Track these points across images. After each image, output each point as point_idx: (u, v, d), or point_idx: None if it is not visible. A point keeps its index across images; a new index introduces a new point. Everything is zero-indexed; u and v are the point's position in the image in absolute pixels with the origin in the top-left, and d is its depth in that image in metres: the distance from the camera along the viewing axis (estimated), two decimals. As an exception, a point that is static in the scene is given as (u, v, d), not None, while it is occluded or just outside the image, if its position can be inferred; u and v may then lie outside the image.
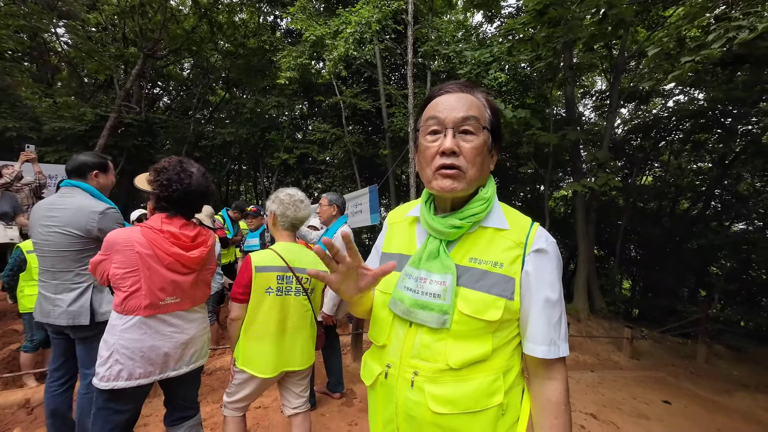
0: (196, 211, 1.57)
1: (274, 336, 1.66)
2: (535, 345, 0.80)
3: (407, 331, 0.83)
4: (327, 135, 10.13)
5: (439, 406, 0.77)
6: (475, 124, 0.78)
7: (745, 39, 2.87)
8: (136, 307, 1.37)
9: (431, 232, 0.85)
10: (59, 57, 11.80)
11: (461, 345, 0.78)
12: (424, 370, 0.79)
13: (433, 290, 0.79)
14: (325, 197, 2.97)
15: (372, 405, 0.92)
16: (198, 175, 1.50)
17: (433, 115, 0.80)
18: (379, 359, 0.89)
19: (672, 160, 11.07)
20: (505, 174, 12.46)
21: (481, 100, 0.83)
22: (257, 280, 1.62)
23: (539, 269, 0.80)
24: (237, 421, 1.74)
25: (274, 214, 1.78)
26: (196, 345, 1.54)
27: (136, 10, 8.96)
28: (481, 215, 0.82)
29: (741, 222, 10.42)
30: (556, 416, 0.79)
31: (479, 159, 0.79)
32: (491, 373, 0.79)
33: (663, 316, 8.74)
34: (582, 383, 4.12)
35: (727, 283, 9.17)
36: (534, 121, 6.25)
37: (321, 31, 6.91)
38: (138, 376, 1.37)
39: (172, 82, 14.34)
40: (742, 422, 3.47)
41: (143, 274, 1.37)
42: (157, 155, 11.78)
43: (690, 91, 9.70)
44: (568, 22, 5.44)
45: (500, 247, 0.81)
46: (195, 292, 1.53)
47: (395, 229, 0.98)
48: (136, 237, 1.38)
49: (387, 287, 0.89)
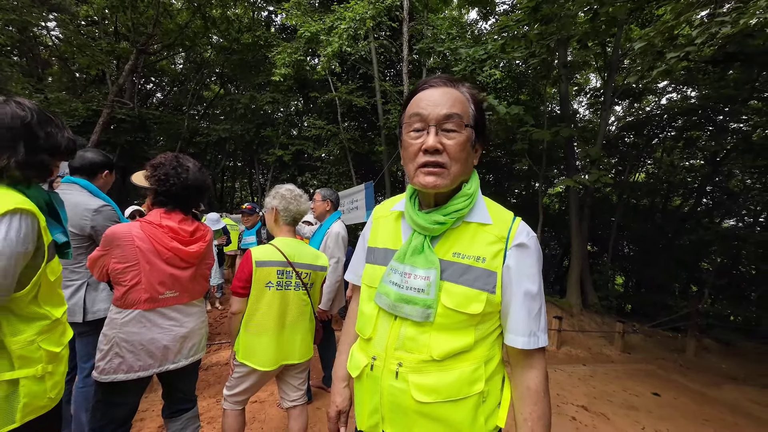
0: (194, 205, 1.58)
1: (274, 330, 1.69)
2: (515, 336, 0.82)
3: (392, 324, 0.85)
4: (322, 131, 10.10)
5: (422, 395, 0.80)
6: (458, 122, 0.79)
7: (727, 34, 2.92)
8: (136, 301, 1.39)
9: (415, 228, 0.86)
10: (50, 51, 11.61)
11: (444, 337, 0.81)
12: (409, 361, 0.82)
13: (418, 285, 0.81)
14: (319, 193, 3.00)
15: (358, 396, 0.94)
16: (194, 170, 1.52)
17: (417, 112, 0.81)
18: (365, 351, 0.90)
19: (664, 157, 11.21)
20: (500, 170, 12.53)
21: (465, 94, 0.83)
22: (257, 275, 1.64)
23: (520, 263, 0.82)
24: (236, 415, 1.77)
25: (276, 210, 1.79)
26: (195, 338, 1.56)
27: (127, 4, 8.82)
28: (464, 211, 0.84)
29: (731, 218, 10.61)
30: (535, 403, 0.82)
31: (462, 155, 0.81)
32: (473, 362, 0.82)
33: (655, 311, 8.88)
34: (574, 376, 4.20)
35: (717, 279, 9.33)
36: (528, 118, 6.30)
37: (316, 27, 6.87)
38: (137, 369, 1.39)
39: (165, 78, 14.20)
40: (729, 414, 3.56)
41: (143, 269, 1.38)
42: (150, 151, 11.68)
43: (682, 89, 9.82)
44: (561, 19, 5.47)
45: (483, 241, 0.83)
46: (194, 286, 1.55)
47: (380, 223, 0.99)
48: (136, 232, 1.39)
49: (373, 281, 0.91)
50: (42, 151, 0.99)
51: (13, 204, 0.88)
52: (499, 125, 6.23)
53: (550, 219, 11.73)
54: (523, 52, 6.16)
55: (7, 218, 0.87)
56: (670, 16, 3.65)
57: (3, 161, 0.92)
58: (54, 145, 1.01)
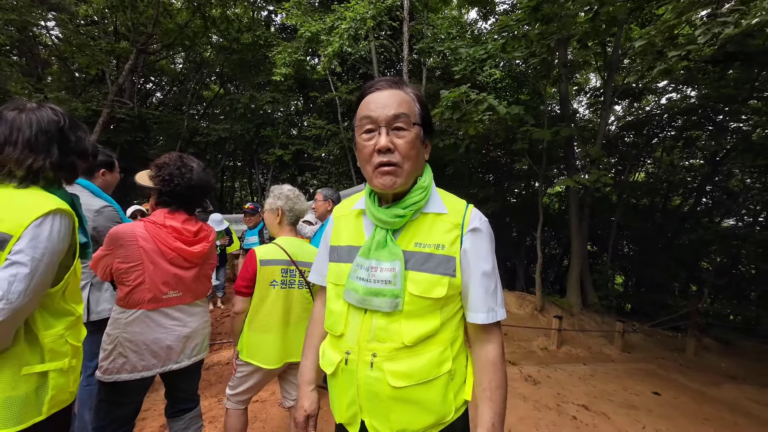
0: (197, 205, 1.59)
1: (278, 328, 1.70)
2: (475, 313, 0.89)
3: (363, 318, 0.88)
4: (322, 131, 10.10)
5: (397, 381, 0.84)
6: (406, 121, 0.84)
7: (730, 35, 2.92)
8: (140, 301, 1.39)
9: (377, 223, 0.90)
10: (49, 51, 11.59)
11: (413, 323, 0.85)
12: (382, 351, 0.85)
13: (384, 277, 0.85)
14: (321, 192, 3.02)
15: (333, 391, 0.97)
16: (198, 170, 1.52)
17: (367, 115, 0.85)
18: (338, 347, 0.93)
19: (664, 156, 11.21)
20: (500, 170, 12.51)
21: (410, 95, 0.88)
22: (262, 274, 1.65)
23: (475, 246, 0.88)
24: (239, 414, 1.77)
25: (281, 210, 1.81)
26: (198, 338, 1.57)
27: (127, 4, 8.82)
28: (421, 203, 0.89)
29: (731, 218, 10.61)
30: (494, 372, 0.88)
31: (413, 152, 0.86)
32: (440, 345, 0.87)
33: (655, 310, 8.89)
34: (574, 376, 4.20)
35: (717, 278, 9.34)
36: (528, 117, 6.29)
37: (316, 27, 6.88)
38: (141, 368, 1.39)
39: (165, 77, 14.18)
40: (729, 413, 3.57)
41: (147, 269, 1.39)
42: (150, 151, 11.68)
43: (682, 89, 9.82)
44: (561, 19, 5.47)
45: (441, 230, 0.89)
46: (197, 286, 1.56)
47: (342, 222, 1.02)
48: (140, 231, 1.40)
49: (339, 279, 0.94)
50: (73, 154, 1.06)
51: (54, 205, 0.96)
52: (499, 125, 6.21)
53: (550, 218, 11.72)
54: (524, 52, 6.16)
55: (50, 218, 0.94)
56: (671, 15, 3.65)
57: (39, 162, 0.98)
58: (83, 149, 1.10)
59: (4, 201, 0.93)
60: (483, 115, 5.38)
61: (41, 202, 0.94)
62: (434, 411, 0.86)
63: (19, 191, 0.97)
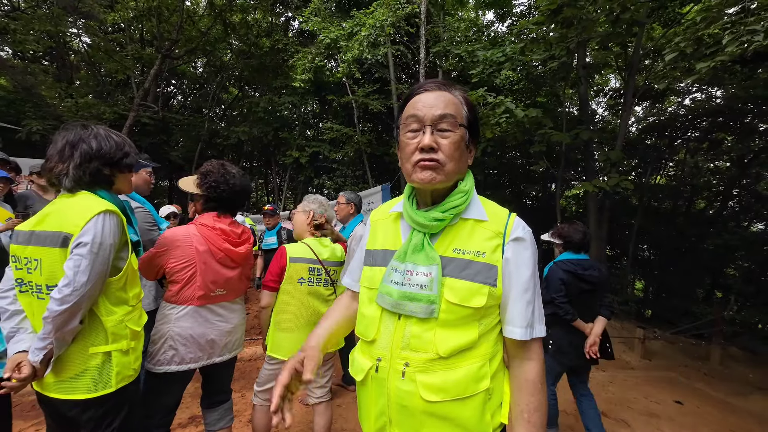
0: (239, 208, 1.70)
1: (305, 324, 1.79)
2: (513, 327, 0.85)
3: (396, 324, 0.85)
4: (339, 134, 10.25)
5: (430, 395, 0.80)
6: (452, 122, 0.83)
7: (761, 45, 2.86)
8: (191, 298, 1.51)
9: (415, 226, 0.88)
10: (79, 56, 12.12)
11: (449, 333, 0.81)
12: (415, 361, 0.82)
13: (420, 281, 0.82)
14: (343, 195, 3.04)
15: (363, 399, 0.93)
16: (239, 176, 1.65)
17: (413, 114, 0.85)
18: (369, 354, 0.90)
19: (688, 159, 10.88)
20: (516, 172, 12.40)
21: (458, 98, 0.87)
22: (290, 271, 1.76)
23: (518, 256, 0.85)
24: (266, 410, 1.83)
25: (314, 213, 1.91)
26: (237, 333, 1.68)
27: (153, 12, 9.17)
28: (461, 207, 0.87)
29: (760, 222, 10.21)
30: (532, 394, 0.84)
31: (457, 154, 0.84)
32: (478, 359, 0.83)
33: (677, 317, 8.63)
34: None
35: (744, 285, 9.00)
36: (546, 120, 6.24)
37: (336, 32, 7.00)
38: (189, 360, 1.50)
39: (186, 80, 14.61)
40: (757, 425, 3.45)
41: (199, 268, 1.51)
42: (171, 153, 12.06)
43: (708, 89, 9.52)
44: (582, 21, 5.42)
45: (481, 237, 0.86)
46: (239, 284, 1.67)
47: (379, 226, 1.01)
48: (194, 234, 1.53)
49: (373, 283, 0.92)
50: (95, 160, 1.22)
51: (103, 206, 1.15)
52: (516, 128, 6.18)
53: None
54: (543, 55, 6.12)
55: (101, 217, 1.13)
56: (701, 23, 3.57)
57: (63, 169, 1.16)
58: (129, 164, 1.32)
59: (63, 207, 1.14)
60: (500, 117, 5.38)
61: (92, 204, 1.14)
62: (470, 431, 0.82)
63: (73, 198, 1.17)
